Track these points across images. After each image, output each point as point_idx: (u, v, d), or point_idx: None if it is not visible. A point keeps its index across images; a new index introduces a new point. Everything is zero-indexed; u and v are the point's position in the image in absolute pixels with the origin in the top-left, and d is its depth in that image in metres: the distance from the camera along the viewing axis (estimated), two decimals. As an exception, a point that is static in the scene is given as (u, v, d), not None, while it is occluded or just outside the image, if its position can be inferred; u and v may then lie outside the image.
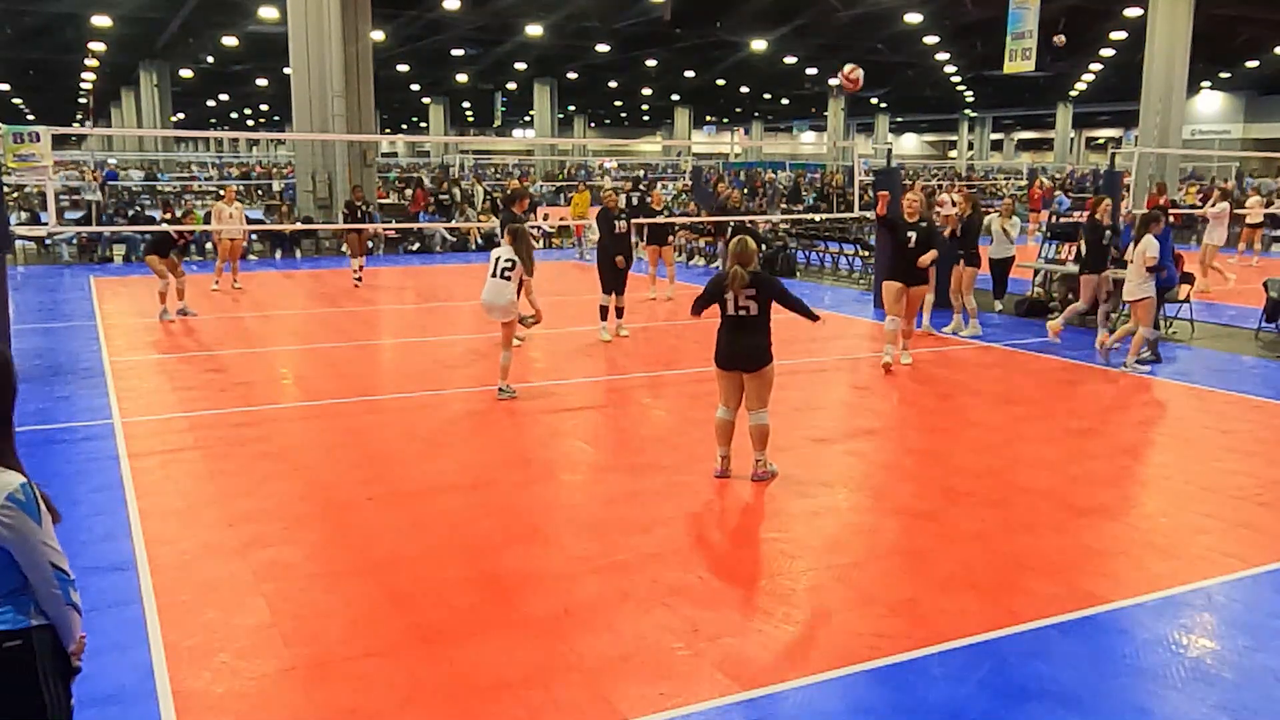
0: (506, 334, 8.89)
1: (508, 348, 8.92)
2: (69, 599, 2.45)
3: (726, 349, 6.59)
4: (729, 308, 6.50)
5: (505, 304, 8.72)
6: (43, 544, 2.39)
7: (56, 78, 44.98)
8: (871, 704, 4.00)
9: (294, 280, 18.31)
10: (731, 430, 6.64)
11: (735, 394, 6.61)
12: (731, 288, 6.42)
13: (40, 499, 2.41)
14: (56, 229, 15.86)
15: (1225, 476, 6.85)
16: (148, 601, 4.80)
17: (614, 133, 77.82)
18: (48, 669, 2.42)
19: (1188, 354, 11.11)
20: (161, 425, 8.06)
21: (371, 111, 23.28)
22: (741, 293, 6.42)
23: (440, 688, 4.08)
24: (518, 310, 8.84)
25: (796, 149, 71.35)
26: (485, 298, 8.81)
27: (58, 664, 2.46)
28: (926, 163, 65.83)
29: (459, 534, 5.75)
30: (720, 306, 6.55)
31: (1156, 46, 26.37)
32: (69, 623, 2.47)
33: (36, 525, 2.38)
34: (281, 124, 65.18)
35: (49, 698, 2.42)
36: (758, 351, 6.51)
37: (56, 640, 2.46)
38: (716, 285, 6.54)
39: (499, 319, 8.83)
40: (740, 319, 6.50)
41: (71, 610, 2.46)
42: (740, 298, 6.44)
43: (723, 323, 6.59)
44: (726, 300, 6.48)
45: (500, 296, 8.70)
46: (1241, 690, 4.11)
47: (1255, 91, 48.37)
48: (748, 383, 6.55)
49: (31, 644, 2.40)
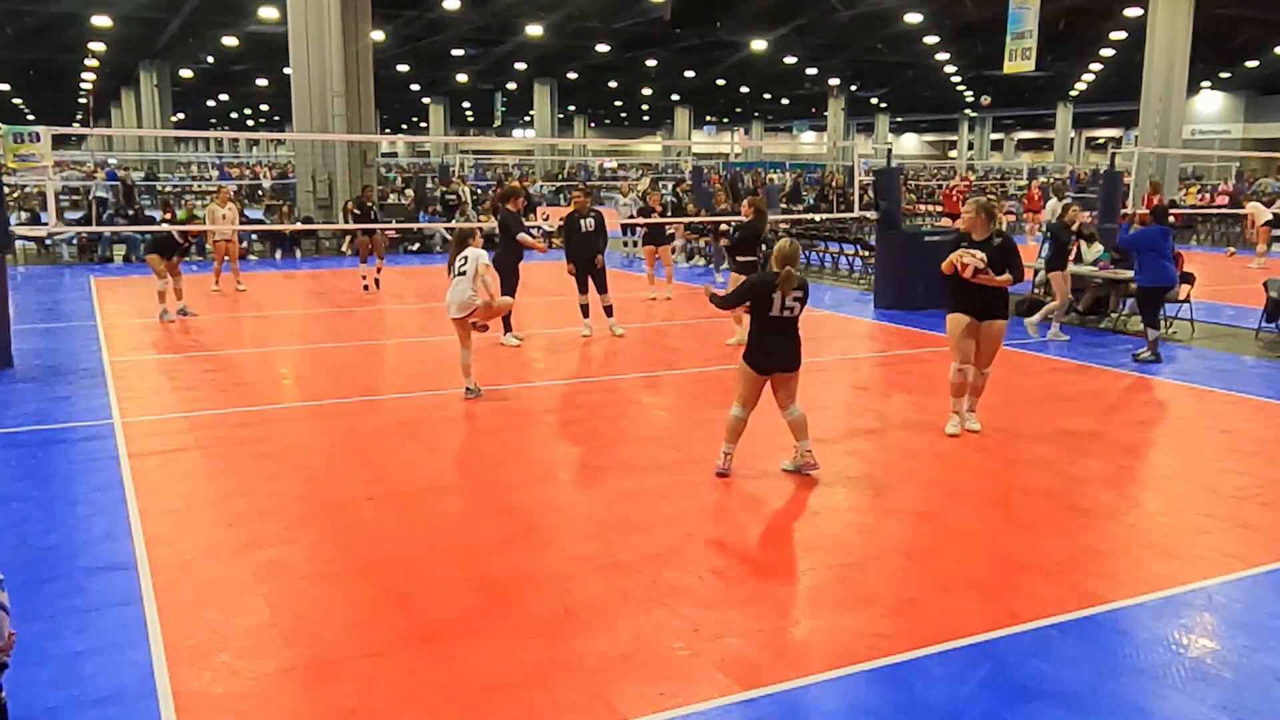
0: (460, 331, 8.78)
1: (465, 345, 8.82)
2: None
3: (770, 351, 6.44)
4: (774, 308, 6.36)
5: (459, 300, 8.66)
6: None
7: (56, 78, 45.00)
8: (871, 704, 4.00)
9: (294, 280, 18.31)
10: (744, 429, 6.61)
11: (757, 396, 6.53)
12: (783, 289, 6.32)
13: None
14: (56, 229, 15.86)
15: (1225, 476, 6.85)
16: (148, 601, 4.79)
17: (614, 133, 77.87)
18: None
19: (1188, 354, 11.11)
20: (161, 425, 8.06)
21: (371, 111, 23.29)
22: (791, 294, 6.35)
23: (440, 688, 4.08)
24: (472, 306, 8.70)
25: (796, 149, 71.34)
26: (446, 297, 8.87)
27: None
28: (926, 163, 65.79)
29: (459, 534, 5.75)
30: (759, 308, 6.40)
31: (1156, 46, 26.38)
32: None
33: None
34: (281, 124, 65.22)
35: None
36: (798, 352, 6.49)
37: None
38: (764, 285, 6.38)
39: (455, 315, 8.74)
40: (785, 320, 6.41)
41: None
42: (789, 298, 6.35)
43: (765, 325, 6.42)
44: (773, 300, 6.35)
45: (453, 292, 8.71)
46: (1241, 690, 4.11)
47: (1255, 91, 48.40)
48: (784, 382, 6.50)
49: None
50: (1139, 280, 10.77)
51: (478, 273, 8.63)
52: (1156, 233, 10.69)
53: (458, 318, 8.73)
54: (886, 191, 14.68)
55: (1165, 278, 10.72)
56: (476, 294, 8.67)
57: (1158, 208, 11.76)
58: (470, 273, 8.64)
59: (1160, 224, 10.85)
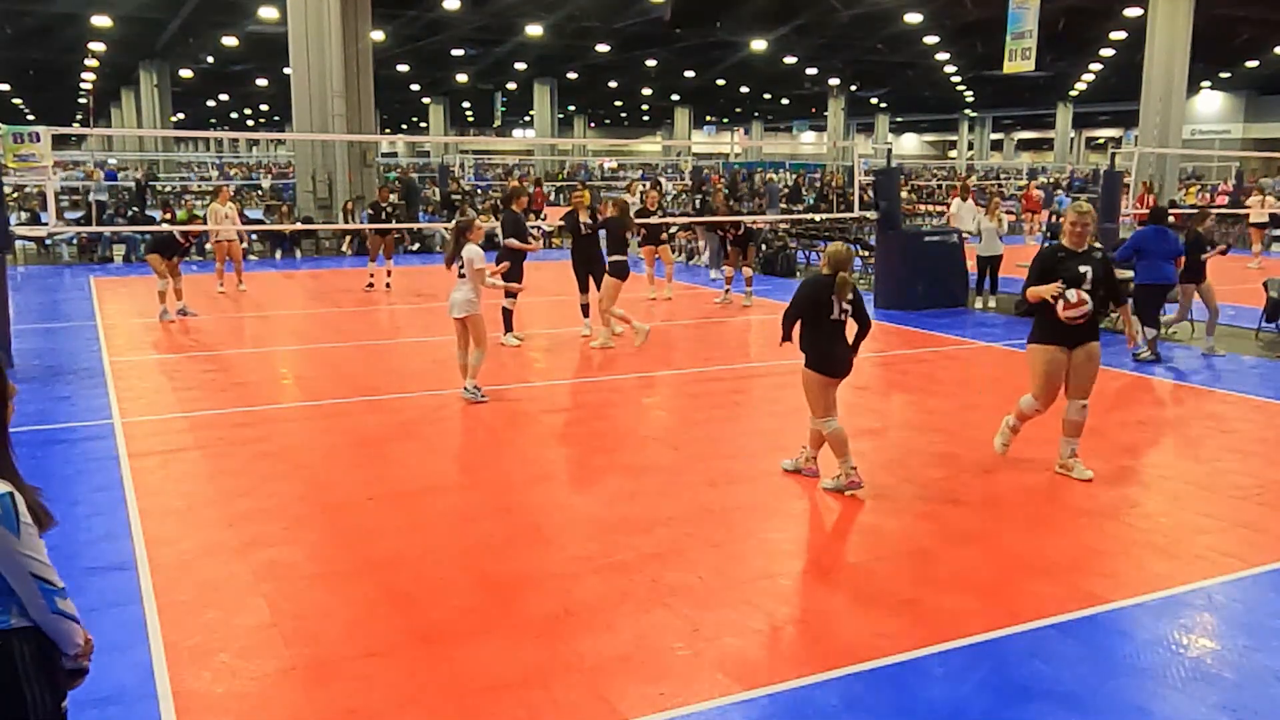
0: (473, 332, 8.67)
1: (480, 345, 8.72)
2: (55, 608, 2.43)
3: (833, 356, 6.33)
4: (833, 312, 6.28)
5: (457, 300, 8.63)
6: (21, 555, 2.36)
7: (56, 78, 44.98)
8: (871, 704, 4.00)
9: (294, 280, 18.31)
10: (848, 436, 6.43)
11: (832, 399, 6.40)
12: (839, 294, 6.26)
13: (20, 510, 2.37)
14: (56, 229, 15.86)
15: (1225, 476, 6.85)
16: (148, 601, 4.79)
17: (614, 133, 77.84)
18: (29, 671, 2.41)
19: (1188, 354, 11.10)
20: (161, 425, 8.06)
21: (371, 111, 23.28)
22: (846, 297, 6.29)
23: (440, 688, 4.08)
24: (477, 307, 8.65)
25: (796, 149, 71.32)
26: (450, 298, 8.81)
27: (41, 666, 2.44)
28: (926, 163, 65.80)
29: (459, 534, 5.75)
30: (818, 314, 6.30)
31: (1156, 46, 26.37)
32: (59, 630, 2.46)
33: (14, 537, 2.35)
34: (281, 124, 65.19)
35: (31, 699, 2.40)
36: (849, 358, 6.42)
37: (43, 642, 2.45)
38: (821, 292, 6.29)
39: (454, 315, 8.68)
40: (840, 324, 6.34)
41: (60, 619, 2.45)
42: (843, 302, 6.30)
43: (823, 330, 6.30)
44: (831, 304, 6.27)
45: (454, 292, 8.68)
46: (1241, 690, 4.11)
47: (1255, 91, 48.39)
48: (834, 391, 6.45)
49: (10, 646, 2.39)
50: (1137, 279, 10.78)
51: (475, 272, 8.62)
52: (1150, 233, 10.72)
53: (459, 318, 8.72)
54: (886, 191, 14.68)
55: (1162, 277, 10.75)
56: (478, 297, 8.67)
57: (1156, 209, 11.77)
58: (467, 273, 8.64)
59: (1156, 224, 10.87)
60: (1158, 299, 10.82)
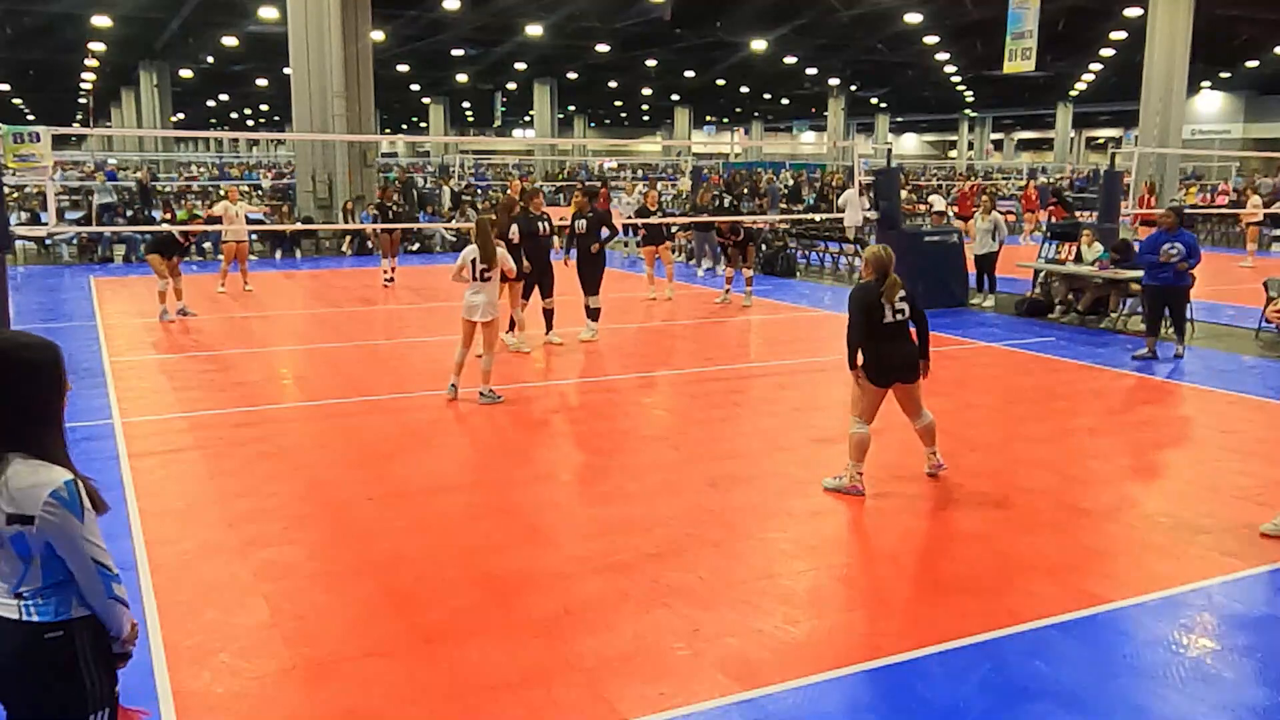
0: (487, 335, 8.62)
1: (490, 349, 8.68)
2: (111, 593, 2.50)
3: (888, 361, 6.28)
4: (886, 316, 6.25)
5: (481, 303, 8.55)
6: (85, 540, 2.45)
7: (56, 78, 44.99)
8: (871, 704, 4.00)
9: (294, 280, 18.31)
10: (869, 444, 6.41)
11: (877, 409, 6.38)
12: (888, 296, 6.23)
13: (83, 495, 2.47)
14: (56, 229, 15.85)
15: (1225, 476, 6.85)
16: (148, 601, 4.79)
17: (614, 133, 77.84)
18: (89, 658, 2.50)
19: (1188, 354, 11.10)
20: (161, 425, 8.06)
21: (371, 111, 23.28)
22: (896, 298, 6.26)
23: (440, 688, 4.08)
24: (497, 310, 8.62)
25: (796, 149, 71.32)
26: (464, 299, 8.70)
27: (99, 652, 2.52)
28: (926, 163, 65.79)
29: (459, 534, 5.75)
30: (871, 320, 6.25)
31: (1156, 46, 26.38)
32: (113, 615, 2.53)
33: (79, 522, 2.44)
34: (281, 124, 65.19)
35: (90, 684, 2.49)
36: (914, 359, 6.36)
37: (99, 629, 2.52)
38: (871, 299, 6.24)
39: (477, 318, 8.57)
40: (898, 326, 6.30)
41: (115, 604, 2.52)
42: (896, 302, 6.27)
43: (878, 334, 6.25)
44: (883, 309, 6.24)
45: (475, 295, 8.60)
46: (1241, 690, 4.11)
47: (1255, 91, 48.36)
48: (909, 393, 6.41)
49: (72, 635, 2.47)
50: (1171, 281, 10.76)
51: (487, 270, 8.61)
52: (1157, 236, 10.75)
53: (484, 321, 8.57)
54: (886, 191, 14.68)
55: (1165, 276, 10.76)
56: (492, 301, 8.60)
57: (1180, 211, 11.59)
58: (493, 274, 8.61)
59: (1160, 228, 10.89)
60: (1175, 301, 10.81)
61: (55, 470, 2.46)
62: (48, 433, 2.51)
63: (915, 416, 6.56)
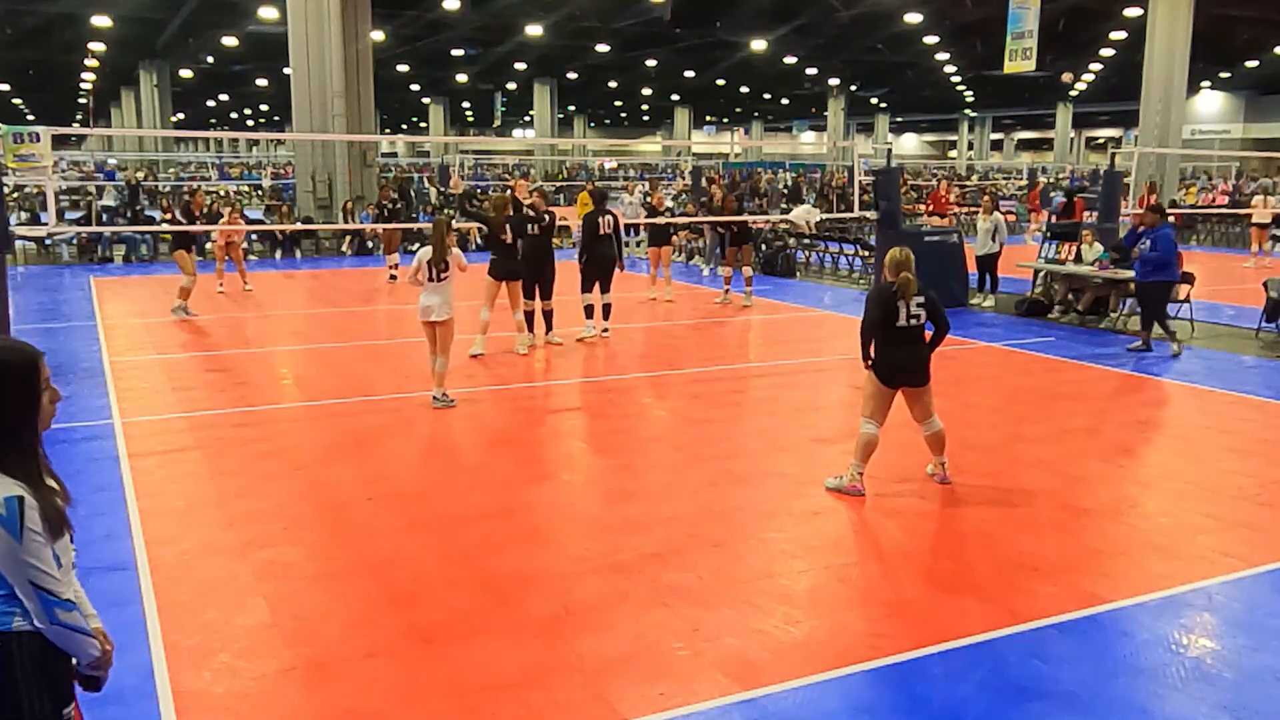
0: (444, 336, 8.40)
1: (443, 353, 8.46)
2: (55, 619, 2.34)
3: (896, 363, 6.31)
4: (900, 318, 6.27)
5: (436, 304, 8.35)
6: (25, 563, 2.29)
7: (56, 78, 44.96)
8: (871, 704, 4.00)
9: (294, 280, 18.31)
10: (877, 446, 6.40)
11: (887, 410, 6.38)
12: (905, 297, 6.25)
13: (27, 516, 2.28)
14: (56, 229, 15.85)
15: (1225, 476, 6.85)
16: (148, 601, 4.79)
17: (614, 133, 77.82)
18: (27, 676, 2.33)
19: (1188, 354, 11.10)
20: (161, 425, 8.06)
21: (371, 111, 23.28)
22: (913, 301, 6.27)
23: (440, 688, 4.08)
24: (451, 310, 8.41)
25: (796, 149, 71.30)
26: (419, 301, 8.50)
27: (41, 672, 2.36)
28: (926, 163, 65.79)
29: (459, 534, 5.74)
30: (885, 320, 6.28)
31: (1156, 46, 26.38)
32: (66, 641, 2.38)
33: (15, 543, 2.27)
34: (281, 124, 65.16)
35: (28, 705, 2.34)
36: (925, 363, 6.38)
37: (46, 647, 2.37)
38: (887, 299, 6.27)
39: (434, 319, 8.35)
40: (911, 329, 6.32)
41: (62, 630, 2.36)
42: (912, 306, 6.27)
43: (889, 336, 6.29)
44: (898, 310, 6.26)
45: (430, 296, 8.39)
46: (1241, 690, 4.11)
47: (1255, 91, 48.35)
48: (917, 396, 6.41)
49: (9, 649, 2.32)
50: (1154, 277, 10.83)
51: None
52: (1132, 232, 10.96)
53: (441, 321, 8.39)
54: (886, 191, 14.67)
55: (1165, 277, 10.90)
56: (447, 301, 8.43)
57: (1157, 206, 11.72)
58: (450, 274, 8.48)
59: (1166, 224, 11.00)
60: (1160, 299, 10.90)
61: (2, 484, 2.29)
62: (3, 442, 2.33)
63: (923, 421, 6.54)
